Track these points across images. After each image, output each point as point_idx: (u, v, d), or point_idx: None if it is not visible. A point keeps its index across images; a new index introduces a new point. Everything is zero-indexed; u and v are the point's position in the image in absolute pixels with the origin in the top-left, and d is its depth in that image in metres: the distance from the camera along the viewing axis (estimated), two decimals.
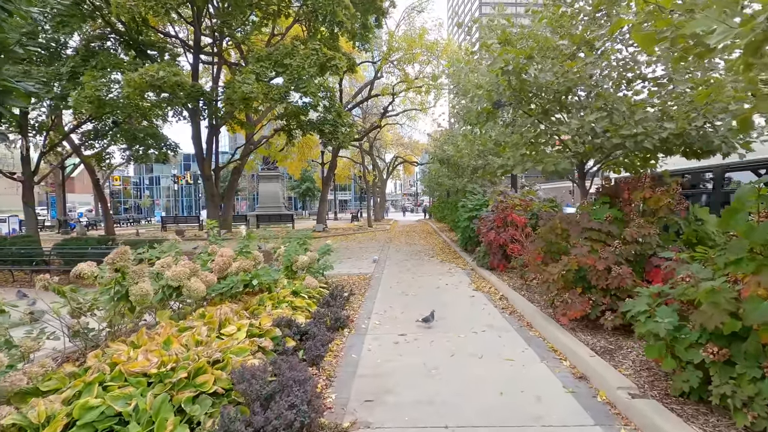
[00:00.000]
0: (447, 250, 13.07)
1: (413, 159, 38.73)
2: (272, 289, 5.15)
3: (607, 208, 4.93)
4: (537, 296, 6.18)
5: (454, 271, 9.20)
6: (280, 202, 29.89)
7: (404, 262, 10.79)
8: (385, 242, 16.19)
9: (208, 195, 11.93)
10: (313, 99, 8.60)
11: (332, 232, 20.38)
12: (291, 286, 5.59)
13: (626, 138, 4.41)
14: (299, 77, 8.21)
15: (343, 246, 14.95)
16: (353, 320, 5.49)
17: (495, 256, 8.23)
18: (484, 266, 8.61)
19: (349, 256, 12.06)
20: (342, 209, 60.48)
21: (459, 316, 5.60)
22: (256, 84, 7.86)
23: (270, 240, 7.41)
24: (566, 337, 4.34)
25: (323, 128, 11.66)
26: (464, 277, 8.44)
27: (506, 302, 6.26)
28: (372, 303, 6.42)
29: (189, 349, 3.34)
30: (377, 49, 18.14)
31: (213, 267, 4.55)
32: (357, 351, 4.40)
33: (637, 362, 3.73)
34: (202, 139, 11.53)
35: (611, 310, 4.35)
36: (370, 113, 28.65)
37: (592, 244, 4.57)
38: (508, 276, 7.79)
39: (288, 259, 6.20)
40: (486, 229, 8.36)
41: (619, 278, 4.23)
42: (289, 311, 4.72)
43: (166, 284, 3.98)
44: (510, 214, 8.06)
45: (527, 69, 4.56)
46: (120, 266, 3.51)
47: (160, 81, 7.35)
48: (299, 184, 48.87)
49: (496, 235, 8.03)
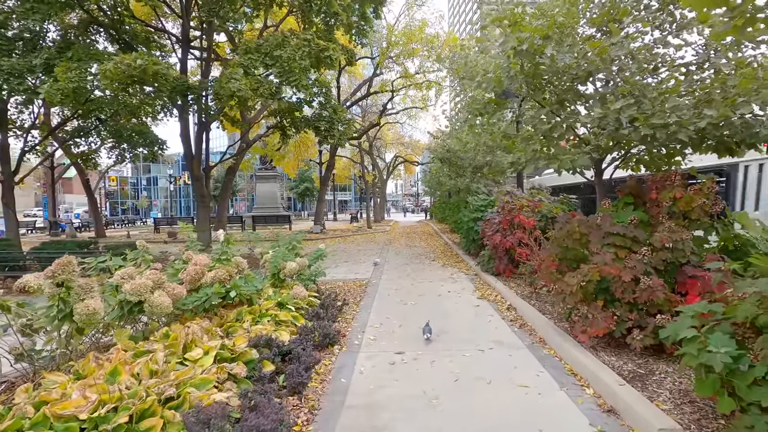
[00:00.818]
0: (449, 253, 12.50)
1: (414, 159, 38.14)
2: (254, 301, 4.59)
3: (631, 209, 4.36)
4: (548, 306, 5.61)
5: (457, 276, 8.63)
6: (278, 202, 29.35)
7: (404, 266, 10.22)
8: (385, 244, 15.63)
9: (198, 196, 11.36)
10: (306, 93, 8.03)
11: (330, 234, 19.82)
12: (277, 297, 5.04)
13: (657, 128, 3.84)
14: (290, 70, 7.63)
15: (340, 248, 14.40)
16: (345, 335, 4.93)
17: (501, 261, 7.66)
18: (489, 271, 8.05)
19: (346, 260, 11.50)
20: (342, 210, 59.92)
21: (463, 330, 5.03)
22: (244, 79, 7.29)
23: (258, 244, 6.83)
24: (587, 358, 3.78)
25: (318, 125, 11.08)
26: (468, 283, 7.87)
27: (515, 313, 5.69)
28: (367, 314, 5.85)
29: (141, 380, 2.78)
30: (376, 45, 17.56)
31: (183, 277, 3.99)
32: (347, 374, 3.84)
33: (675, 392, 3.16)
34: (191, 137, 10.98)
35: (639, 328, 3.79)
36: (370, 112, 28.08)
37: (616, 251, 4.01)
38: (515, 283, 7.22)
39: (275, 266, 5.64)
40: (491, 232, 7.79)
41: (649, 291, 3.67)
42: (271, 327, 4.16)
43: (124, 299, 3.42)
44: (517, 215, 7.49)
45: (543, 50, 4.01)
46: (63, 280, 2.96)
47: (137, 71, 6.76)
48: (298, 184, 48.29)
49: (502, 239, 7.46)
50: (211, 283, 4.19)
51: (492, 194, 11.98)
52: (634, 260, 3.85)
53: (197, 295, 3.95)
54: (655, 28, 4.61)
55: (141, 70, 6.78)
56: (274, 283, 5.68)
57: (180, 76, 8.67)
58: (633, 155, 5.49)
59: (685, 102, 4.00)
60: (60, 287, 3.01)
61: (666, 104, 3.80)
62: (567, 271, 4.56)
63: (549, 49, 3.99)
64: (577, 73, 4.30)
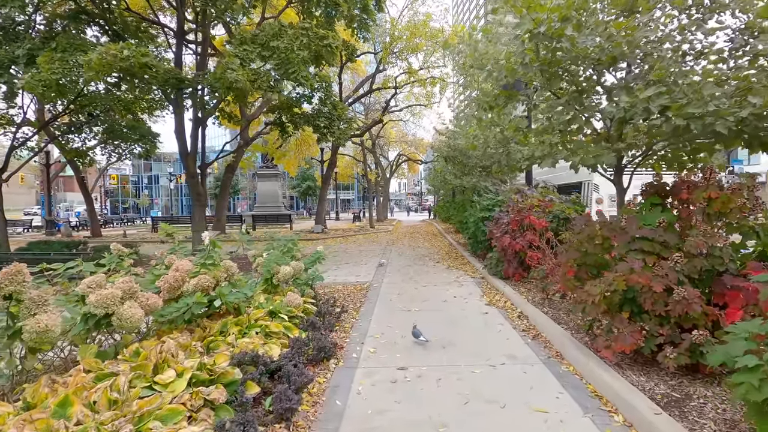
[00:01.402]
0: (454, 254, 12.07)
1: (417, 157, 37.69)
2: (242, 310, 4.18)
3: (659, 211, 3.92)
4: (563, 315, 5.18)
5: (463, 280, 8.20)
6: (280, 201, 28.98)
7: (407, 268, 9.80)
8: (387, 245, 15.22)
9: (194, 194, 10.98)
10: (305, 86, 7.61)
11: (331, 234, 19.43)
12: (269, 304, 4.64)
13: (692, 119, 3.40)
14: (288, 61, 7.21)
15: (341, 249, 14.00)
16: (343, 346, 4.52)
17: (510, 264, 7.22)
18: (497, 275, 7.62)
19: (347, 261, 11.10)
20: (345, 209, 59.58)
21: (471, 341, 4.61)
22: (241, 70, 6.87)
23: (251, 245, 6.42)
24: (613, 377, 3.35)
25: (317, 122, 10.65)
26: (475, 287, 7.44)
27: (527, 322, 5.26)
28: (368, 322, 5.44)
29: (98, 411, 2.38)
30: (379, 40, 17.06)
31: (161, 285, 3.59)
32: (343, 394, 3.43)
33: (720, 422, 2.73)
34: (186, 133, 10.60)
35: (671, 344, 3.36)
36: (373, 109, 27.65)
37: (644, 258, 3.57)
38: (526, 287, 6.79)
39: (267, 270, 5.24)
40: (499, 233, 7.36)
41: (683, 303, 3.23)
42: (259, 340, 3.76)
43: (88, 312, 3.02)
44: (528, 216, 7.05)
45: (563, 33, 3.58)
46: (10, 292, 2.56)
47: (124, 62, 6.37)
48: (300, 182, 47.95)
49: (511, 241, 7.03)
50: (193, 292, 3.79)
51: (499, 193, 11.55)
52: (666, 268, 3.41)
53: (176, 305, 3.55)
54: (685, 10, 4.16)
55: (128, 61, 6.38)
56: (266, 288, 5.28)
57: (172, 68, 8.27)
58: (654, 152, 5.05)
59: (723, 90, 3.54)
60: (8, 300, 2.62)
61: (704, 91, 3.35)
62: (587, 279, 4.14)
63: (568, 30, 3.56)
64: (600, 58, 3.86)
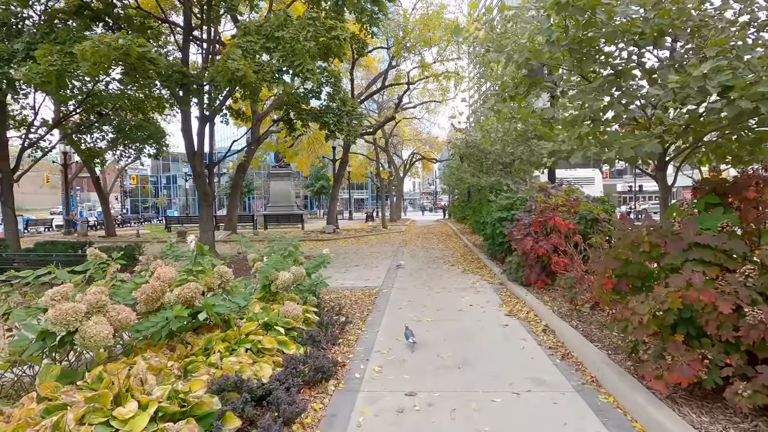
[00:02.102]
0: (469, 256, 11.47)
1: (432, 155, 37.00)
2: (231, 323, 3.74)
3: (720, 213, 3.29)
4: (595, 330, 4.57)
5: (480, 285, 7.62)
6: (292, 201, 28.80)
7: (419, 271, 9.27)
8: (399, 246, 14.70)
9: (201, 194, 10.69)
10: (312, 79, 7.17)
11: (343, 234, 19.01)
12: (264, 315, 4.18)
13: (763, 100, 2.77)
14: (293, 52, 6.77)
15: (351, 250, 13.55)
16: (345, 364, 4.03)
17: (532, 270, 6.61)
18: (518, 281, 7.01)
19: (357, 263, 10.63)
20: (358, 208, 59.27)
21: (491, 360, 4.06)
22: (242, 60, 6.47)
23: (251, 247, 6.00)
24: (667, 416, 2.75)
25: (325, 119, 10.20)
26: (493, 294, 6.86)
27: (553, 338, 4.66)
28: (374, 333, 4.94)
29: None
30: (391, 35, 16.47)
31: (137, 297, 3.17)
32: (341, 426, 2.94)
33: None
34: (192, 131, 10.32)
35: (742, 377, 2.75)
36: (386, 107, 27.13)
37: (704, 270, 2.96)
38: (550, 296, 6.18)
39: (265, 276, 4.79)
40: (520, 235, 6.75)
41: (761, 328, 2.62)
42: (248, 359, 3.30)
43: (46, 330, 2.61)
44: (552, 217, 6.43)
45: (598, 2, 3.00)
46: None
47: (119, 52, 6.04)
48: (313, 182, 47.84)
49: (533, 243, 6.41)
50: (175, 303, 3.36)
51: (518, 192, 10.89)
52: (735, 283, 2.80)
53: (153, 319, 3.12)
54: None
55: (123, 51, 6.05)
56: (264, 296, 4.84)
57: (174, 63, 7.94)
58: (703, 143, 4.39)
59: None
60: None
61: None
62: (628, 292, 3.54)
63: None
64: (642, 32, 3.25)
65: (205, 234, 10.96)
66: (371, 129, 20.95)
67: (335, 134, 10.97)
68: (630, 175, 57.95)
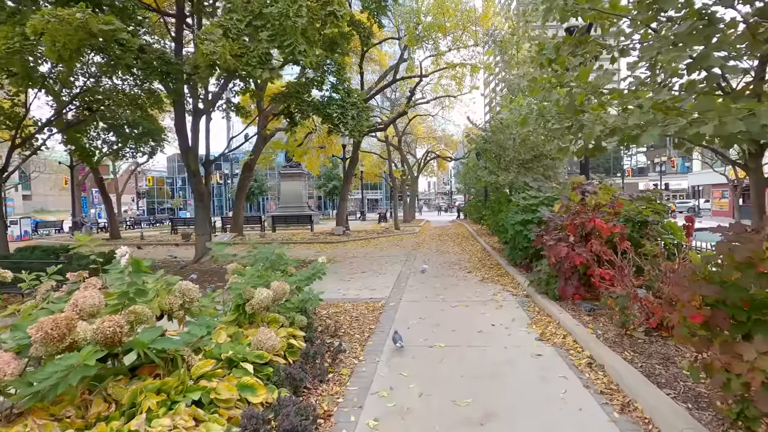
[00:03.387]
0: (488, 262, 10.39)
1: (447, 154, 35.82)
2: (178, 362, 2.83)
3: None
4: (657, 365, 3.51)
5: (502, 297, 6.57)
6: (303, 201, 28.12)
7: (432, 280, 8.27)
8: (412, 249, 13.70)
9: (196, 194, 9.95)
10: (305, 62, 6.26)
11: (353, 236, 18.12)
12: (232, 346, 3.28)
13: None
14: (282, 31, 5.89)
15: (360, 254, 12.62)
16: (331, 414, 3.09)
17: (567, 282, 5.54)
18: (548, 295, 5.95)
19: (364, 270, 9.69)
20: (372, 209, 58.38)
21: (524, 411, 3.05)
22: (223, 41, 5.63)
23: (225, 256, 5.07)
24: None
25: (328, 110, 9.28)
26: (518, 310, 5.81)
27: (603, 376, 3.60)
28: (374, 365, 3.98)
29: None
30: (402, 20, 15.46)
31: (32, 334, 2.28)
32: None
33: None
34: (187, 127, 9.58)
35: None
36: (398, 104, 26.14)
37: None
38: (588, 314, 5.10)
39: (239, 294, 3.89)
40: (552, 240, 5.68)
41: None
42: (188, 420, 2.38)
43: None
44: (592, 219, 5.35)
45: None
46: None
47: (71, 26, 5.21)
48: (326, 182, 47.22)
49: (569, 251, 5.34)
50: (94, 341, 2.46)
51: (542, 190, 9.78)
52: None
53: (50, 368, 2.24)
54: None
55: (82, 28, 5.25)
56: (237, 319, 3.94)
57: (155, 49, 7.17)
58: None
59: None
60: None
61: None
62: (726, 329, 2.48)
63: None
64: None
65: (202, 237, 10.21)
66: (382, 126, 19.99)
67: (339, 128, 10.04)
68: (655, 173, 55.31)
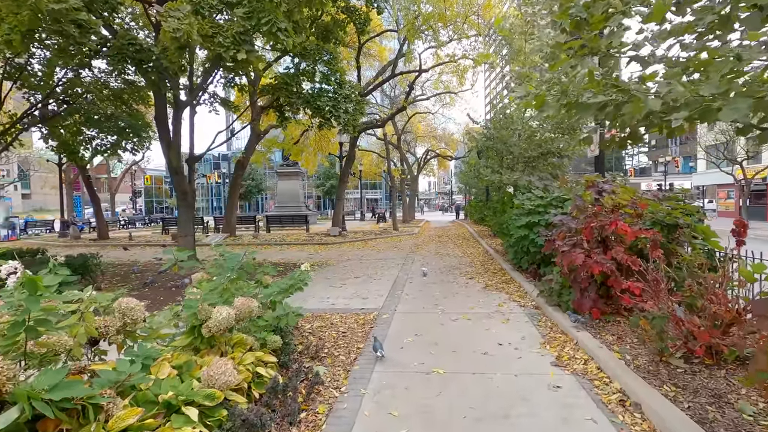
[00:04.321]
0: (491, 265, 9.70)
1: (447, 153, 35.12)
2: (90, 414, 2.14)
3: None
4: (709, 406, 2.82)
5: (509, 309, 5.89)
6: (300, 201, 27.42)
7: (431, 286, 7.58)
8: (410, 251, 13.01)
9: (178, 192, 9.27)
10: (286, 42, 5.54)
11: (349, 237, 17.42)
12: (173, 384, 2.60)
13: None
14: (260, 6, 5.22)
15: (355, 257, 11.93)
16: None
17: (584, 294, 4.85)
18: (562, 307, 5.26)
19: (358, 274, 9.00)
20: (372, 209, 57.63)
21: None
22: (190, 18, 4.93)
23: (194, 262, 4.39)
24: None
25: (319, 102, 8.57)
26: (528, 325, 5.12)
27: (642, 420, 2.91)
28: (357, 402, 3.28)
29: None
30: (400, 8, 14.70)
31: None
32: None
33: None
34: (168, 120, 8.90)
35: None
36: (398, 101, 25.44)
37: None
38: (611, 331, 4.42)
39: (194, 314, 3.20)
40: (566, 245, 4.99)
41: None
42: None
43: None
44: (613, 221, 4.66)
45: None
46: None
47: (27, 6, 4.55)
48: (324, 181, 46.53)
49: (587, 258, 4.65)
50: None
51: (549, 190, 9.09)
52: None
53: None
54: None
55: (32, 6, 4.55)
56: (192, 343, 3.25)
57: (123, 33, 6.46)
58: None
59: None
60: None
61: None
62: None
63: None
64: None
65: (185, 239, 9.52)
66: (380, 122, 19.29)
67: (331, 122, 9.34)
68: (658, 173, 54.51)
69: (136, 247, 15.78)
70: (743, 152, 27.62)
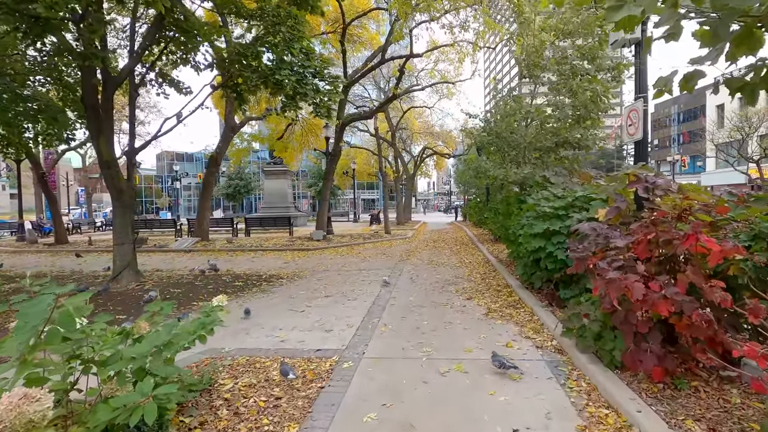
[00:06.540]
0: (493, 280, 8.01)
1: (445, 151, 33.45)
2: None
3: None
4: None
5: (522, 352, 4.20)
6: (289, 201, 25.75)
7: (417, 311, 5.90)
8: (400, 259, 11.32)
9: (112, 191, 7.58)
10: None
11: (335, 241, 15.70)
12: None
13: None
14: None
15: (335, 266, 10.23)
16: None
17: (641, 346, 3.15)
18: (604, 359, 3.57)
19: (329, 292, 7.30)
20: (368, 209, 55.88)
21: None
22: None
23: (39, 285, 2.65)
24: None
25: (278, 76, 6.86)
26: (553, 389, 3.42)
27: None
28: None
29: None
30: None
31: None
32: None
33: None
34: (98, 103, 7.21)
35: None
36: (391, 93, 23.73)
37: None
38: (691, 410, 2.74)
39: None
40: (610, 267, 3.29)
41: None
42: None
43: None
44: (690, 235, 2.97)
45: None
46: None
47: None
48: (316, 181, 44.83)
49: (647, 290, 2.96)
50: None
51: (569, 188, 7.43)
52: None
53: None
54: None
55: None
56: None
57: None
58: None
59: None
60: None
61: None
62: None
63: None
64: None
65: (121, 248, 7.81)
66: (368, 114, 17.63)
67: (295, 102, 7.60)
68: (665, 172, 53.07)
69: (93, 253, 14.05)
70: (759, 150, 25.99)
